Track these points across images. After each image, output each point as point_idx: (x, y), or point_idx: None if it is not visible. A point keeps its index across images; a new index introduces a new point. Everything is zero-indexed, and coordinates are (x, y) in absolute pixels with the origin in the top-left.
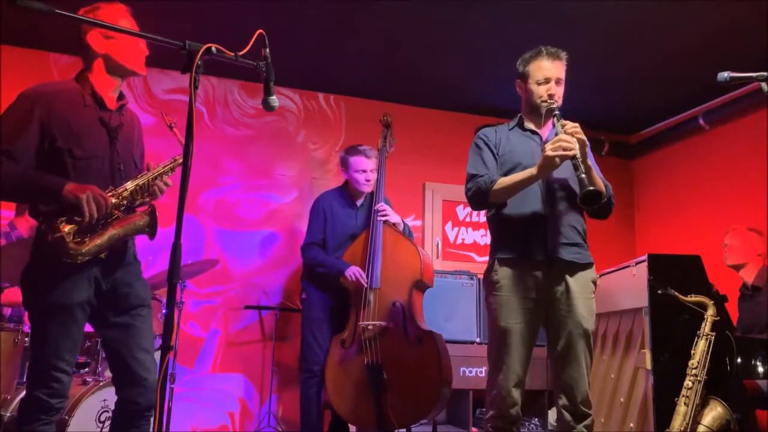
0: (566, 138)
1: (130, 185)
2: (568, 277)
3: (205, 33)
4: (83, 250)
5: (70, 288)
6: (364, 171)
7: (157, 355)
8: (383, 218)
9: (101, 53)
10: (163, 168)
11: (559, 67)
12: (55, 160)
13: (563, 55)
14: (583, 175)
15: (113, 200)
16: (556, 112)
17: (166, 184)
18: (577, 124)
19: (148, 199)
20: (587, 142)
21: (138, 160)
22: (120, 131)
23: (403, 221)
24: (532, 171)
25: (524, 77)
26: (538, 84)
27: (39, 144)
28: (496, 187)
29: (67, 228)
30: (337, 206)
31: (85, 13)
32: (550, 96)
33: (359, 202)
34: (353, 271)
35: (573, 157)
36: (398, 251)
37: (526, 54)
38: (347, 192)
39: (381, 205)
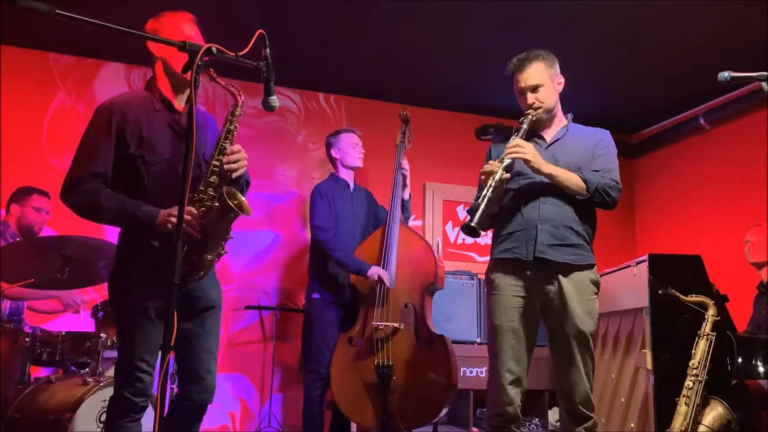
0: (488, 168)
1: (203, 185)
2: (561, 278)
3: (205, 33)
4: (201, 268)
5: (148, 293)
6: (356, 145)
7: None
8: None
9: (159, 56)
10: (220, 141)
11: (530, 73)
12: (130, 167)
13: (530, 60)
14: (478, 202)
15: (195, 207)
16: (521, 127)
17: (233, 152)
18: (515, 143)
19: (235, 178)
20: (523, 157)
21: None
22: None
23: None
24: None
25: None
26: (520, 96)
27: (117, 153)
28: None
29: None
30: (336, 191)
31: (153, 22)
32: (530, 105)
33: (352, 187)
34: (378, 272)
35: (488, 183)
36: (413, 252)
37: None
38: (340, 179)
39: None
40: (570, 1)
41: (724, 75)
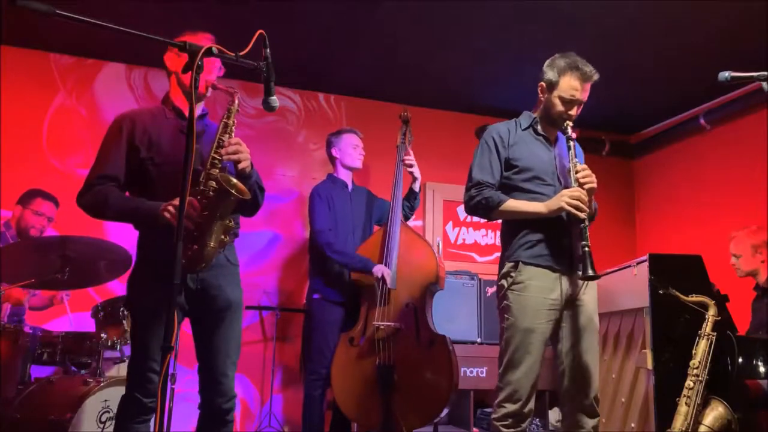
0: (584, 198)
1: (203, 177)
2: (584, 281)
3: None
4: (203, 257)
5: (158, 293)
6: (357, 146)
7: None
8: (411, 166)
9: (173, 71)
10: (218, 136)
11: (587, 89)
12: (141, 169)
13: (596, 77)
14: (587, 249)
15: (197, 198)
16: (570, 144)
17: (230, 144)
18: (588, 172)
19: (240, 172)
20: (595, 189)
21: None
22: (199, 139)
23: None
24: (541, 209)
25: (551, 86)
26: (563, 101)
27: (127, 156)
28: (502, 208)
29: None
30: (334, 192)
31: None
32: (569, 117)
33: (350, 187)
34: (382, 270)
35: (581, 221)
36: (414, 252)
37: (560, 59)
38: (338, 179)
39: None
40: (570, 1)
41: (724, 75)
